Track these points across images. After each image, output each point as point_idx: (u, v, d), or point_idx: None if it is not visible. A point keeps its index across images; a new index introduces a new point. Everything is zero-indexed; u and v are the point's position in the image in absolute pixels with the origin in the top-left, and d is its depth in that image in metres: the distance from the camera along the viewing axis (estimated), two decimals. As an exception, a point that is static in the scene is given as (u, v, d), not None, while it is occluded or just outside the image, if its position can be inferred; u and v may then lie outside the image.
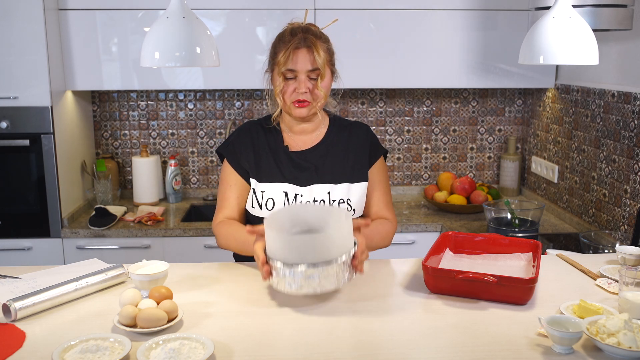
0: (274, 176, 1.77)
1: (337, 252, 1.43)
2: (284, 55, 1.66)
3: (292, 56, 1.66)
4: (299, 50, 1.67)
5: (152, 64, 1.50)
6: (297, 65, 1.67)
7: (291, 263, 1.41)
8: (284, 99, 1.73)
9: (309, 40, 1.67)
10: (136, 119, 3.26)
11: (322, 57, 1.68)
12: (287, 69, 1.68)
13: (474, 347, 1.29)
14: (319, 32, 1.74)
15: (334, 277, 1.42)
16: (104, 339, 1.27)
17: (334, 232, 1.43)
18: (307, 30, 1.71)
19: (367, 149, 1.83)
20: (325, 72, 1.70)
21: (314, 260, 1.40)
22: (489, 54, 2.93)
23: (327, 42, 1.75)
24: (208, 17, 2.82)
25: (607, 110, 2.49)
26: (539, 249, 1.70)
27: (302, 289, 1.42)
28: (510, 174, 3.29)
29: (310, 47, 1.67)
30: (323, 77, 1.70)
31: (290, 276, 1.42)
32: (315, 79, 1.70)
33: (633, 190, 2.31)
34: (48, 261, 2.73)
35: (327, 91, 1.74)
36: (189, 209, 3.10)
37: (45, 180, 2.73)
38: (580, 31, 1.60)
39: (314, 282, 1.41)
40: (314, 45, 1.67)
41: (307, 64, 1.67)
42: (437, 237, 1.80)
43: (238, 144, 1.83)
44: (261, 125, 1.85)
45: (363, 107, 3.30)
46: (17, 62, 2.63)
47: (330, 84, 1.77)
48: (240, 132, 1.85)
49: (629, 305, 1.39)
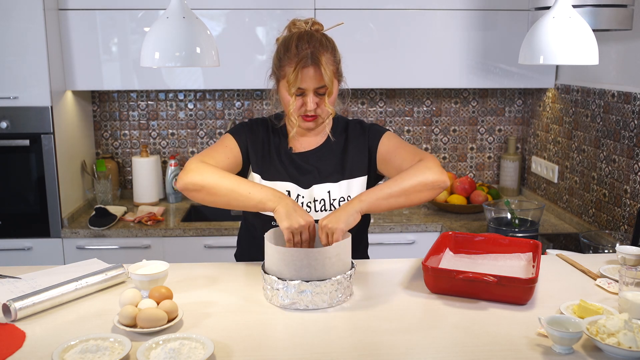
0: (279, 175, 1.77)
1: (332, 271, 1.47)
2: (293, 74, 1.64)
3: (300, 76, 1.64)
4: (306, 69, 1.64)
5: (152, 64, 1.50)
6: (304, 84, 1.66)
7: (285, 277, 1.45)
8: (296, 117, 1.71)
9: (316, 56, 1.64)
10: (136, 119, 3.26)
11: (329, 74, 1.66)
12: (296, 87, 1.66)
13: (474, 347, 1.29)
14: (324, 40, 1.70)
15: (327, 296, 1.46)
16: (104, 339, 1.27)
17: (331, 250, 1.46)
18: (311, 37, 1.67)
19: (366, 138, 1.80)
20: (333, 87, 1.69)
21: (308, 277, 1.45)
22: (489, 54, 2.93)
23: (334, 49, 1.73)
24: (208, 17, 2.82)
25: (607, 110, 2.49)
26: (539, 249, 1.70)
27: (294, 304, 1.46)
28: (510, 174, 3.29)
29: (317, 64, 1.64)
30: (330, 94, 1.69)
31: (284, 290, 1.46)
32: (322, 95, 1.69)
33: (633, 190, 2.31)
34: (48, 261, 2.73)
35: (334, 103, 1.74)
36: (189, 209, 3.10)
37: (45, 180, 2.73)
38: (580, 31, 1.60)
39: (306, 298, 1.45)
40: (321, 62, 1.64)
41: (314, 82, 1.66)
42: (437, 237, 1.80)
43: (249, 129, 1.80)
44: (272, 123, 1.84)
45: (363, 107, 3.30)
46: (17, 62, 2.63)
47: (337, 92, 1.76)
48: (254, 123, 1.83)
49: (629, 305, 1.39)
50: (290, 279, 1.45)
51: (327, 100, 1.69)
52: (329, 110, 1.71)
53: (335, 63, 1.72)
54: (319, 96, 1.69)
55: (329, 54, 1.69)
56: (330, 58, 1.69)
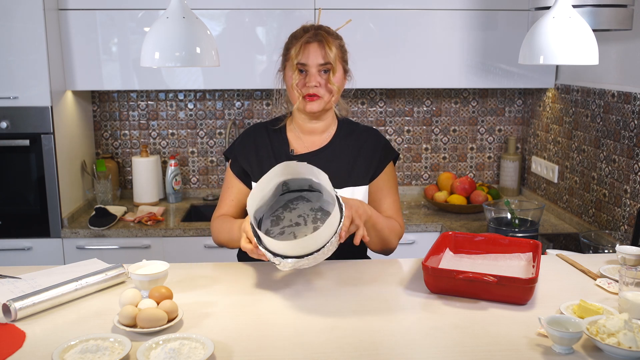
0: None
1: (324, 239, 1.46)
2: (295, 49, 1.69)
3: (303, 50, 1.68)
4: (310, 44, 1.69)
5: (152, 64, 1.50)
6: (308, 59, 1.69)
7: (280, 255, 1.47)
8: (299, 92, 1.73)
9: (321, 35, 1.70)
10: (136, 119, 3.26)
11: (334, 52, 1.69)
12: (299, 62, 1.69)
13: (474, 347, 1.29)
14: (331, 31, 1.76)
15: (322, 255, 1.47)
16: (104, 339, 1.27)
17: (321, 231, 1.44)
18: (319, 27, 1.74)
19: (379, 153, 1.83)
20: (337, 66, 1.71)
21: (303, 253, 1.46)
22: (489, 54, 2.93)
23: (340, 39, 1.78)
24: (208, 17, 2.82)
25: (607, 110, 2.49)
26: (539, 249, 1.70)
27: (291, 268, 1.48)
28: (510, 174, 3.29)
29: (321, 41, 1.69)
30: (334, 71, 1.71)
31: (281, 265, 1.48)
32: (327, 73, 1.71)
33: (633, 190, 2.31)
34: (48, 261, 2.73)
35: (339, 86, 1.75)
36: (189, 209, 3.10)
37: (45, 180, 2.73)
38: (580, 31, 1.60)
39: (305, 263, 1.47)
40: (326, 40, 1.69)
41: (318, 58, 1.69)
42: (437, 237, 1.80)
43: (240, 147, 1.86)
44: (266, 127, 1.87)
45: (363, 107, 3.30)
46: (17, 62, 2.63)
47: (343, 81, 1.78)
48: (244, 135, 1.88)
49: (629, 305, 1.39)
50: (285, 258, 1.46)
51: (331, 77, 1.70)
52: (334, 89, 1.71)
53: (341, 50, 1.75)
54: (323, 75, 1.71)
55: (334, 39, 1.73)
56: (336, 42, 1.73)
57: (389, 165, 1.86)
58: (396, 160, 1.90)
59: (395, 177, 1.89)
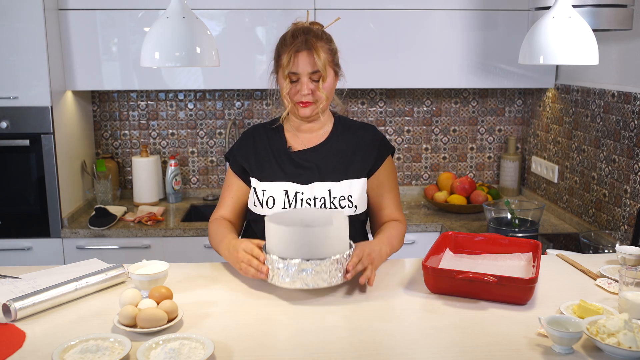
0: (275, 175, 1.80)
1: (332, 250, 1.49)
2: (286, 58, 1.71)
3: (293, 59, 1.70)
4: (300, 53, 1.70)
5: (152, 64, 1.50)
6: (298, 68, 1.71)
7: (286, 256, 1.47)
8: (289, 100, 1.77)
9: (310, 43, 1.71)
10: (136, 119, 3.26)
11: (323, 59, 1.71)
12: (290, 72, 1.72)
13: (474, 347, 1.29)
14: (320, 32, 1.76)
15: (327, 274, 1.48)
16: (104, 339, 1.27)
17: (330, 230, 1.48)
18: (308, 31, 1.73)
19: (376, 148, 1.85)
20: (327, 73, 1.73)
21: (308, 255, 1.46)
22: (489, 54, 2.93)
23: (330, 41, 1.78)
24: (208, 17, 2.82)
25: (607, 110, 2.49)
26: (539, 249, 1.70)
27: (294, 283, 1.48)
28: (510, 174, 3.29)
29: (310, 49, 1.70)
30: (324, 79, 1.73)
31: (284, 269, 1.48)
32: (317, 81, 1.74)
33: (633, 190, 2.31)
34: (48, 261, 2.73)
35: (329, 92, 1.78)
36: (189, 209, 3.10)
37: (45, 180, 2.73)
38: (580, 31, 1.60)
39: (306, 277, 1.47)
40: (314, 47, 1.70)
41: (307, 66, 1.71)
42: (437, 237, 1.80)
43: (239, 147, 1.90)
44: (265, 128, 1.90)
45: (363, 107, 3.30)
46: (17, 62, 2.63)
47: (334, 84, 1.80)
48: (243, 136, 1.92)
49: (629, 305, 1.39)
50: (291, 257, 1.47)
51: (321, 85, 1.73)
52: (324, 96, 1.75)
53: (331, 53, 1.77)
54: (314, 82, 1.74)
55: (323, 43, 1.74)
56: (324, 46, 1.74)
57: (387, 159, 1.87)
58: (393, 154, 1.92)
59: (395, 172, 1.92)
